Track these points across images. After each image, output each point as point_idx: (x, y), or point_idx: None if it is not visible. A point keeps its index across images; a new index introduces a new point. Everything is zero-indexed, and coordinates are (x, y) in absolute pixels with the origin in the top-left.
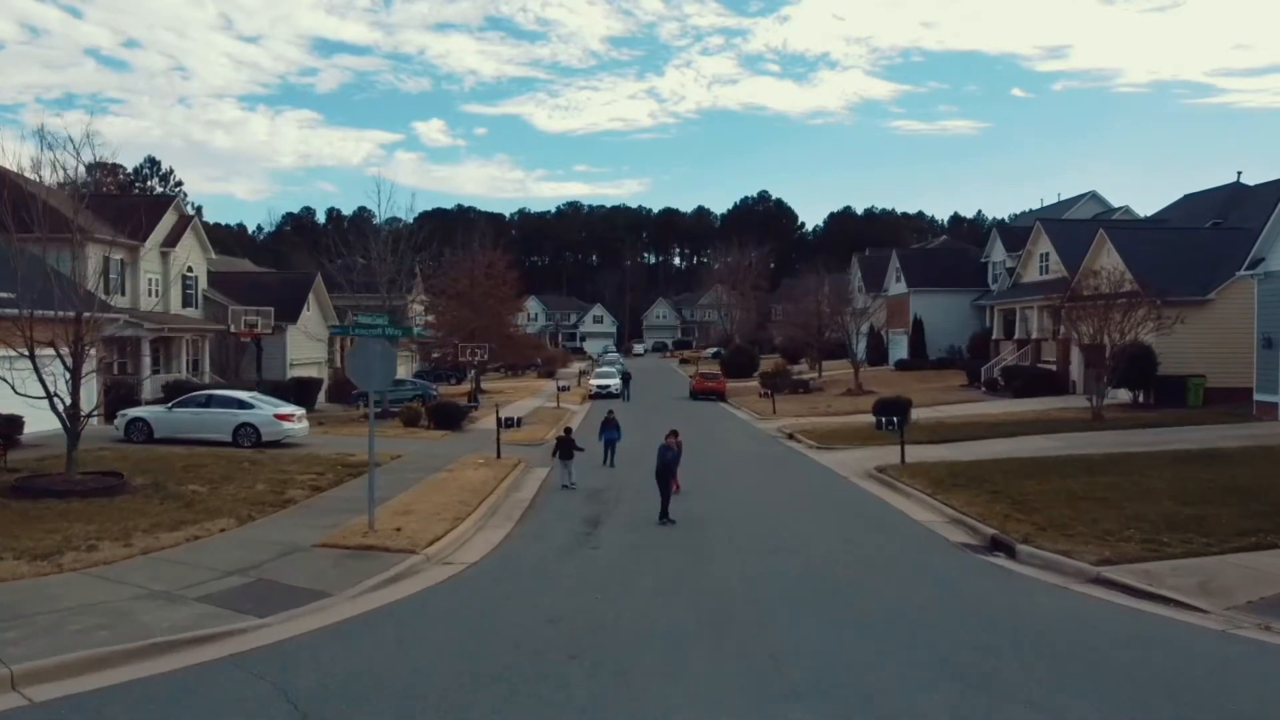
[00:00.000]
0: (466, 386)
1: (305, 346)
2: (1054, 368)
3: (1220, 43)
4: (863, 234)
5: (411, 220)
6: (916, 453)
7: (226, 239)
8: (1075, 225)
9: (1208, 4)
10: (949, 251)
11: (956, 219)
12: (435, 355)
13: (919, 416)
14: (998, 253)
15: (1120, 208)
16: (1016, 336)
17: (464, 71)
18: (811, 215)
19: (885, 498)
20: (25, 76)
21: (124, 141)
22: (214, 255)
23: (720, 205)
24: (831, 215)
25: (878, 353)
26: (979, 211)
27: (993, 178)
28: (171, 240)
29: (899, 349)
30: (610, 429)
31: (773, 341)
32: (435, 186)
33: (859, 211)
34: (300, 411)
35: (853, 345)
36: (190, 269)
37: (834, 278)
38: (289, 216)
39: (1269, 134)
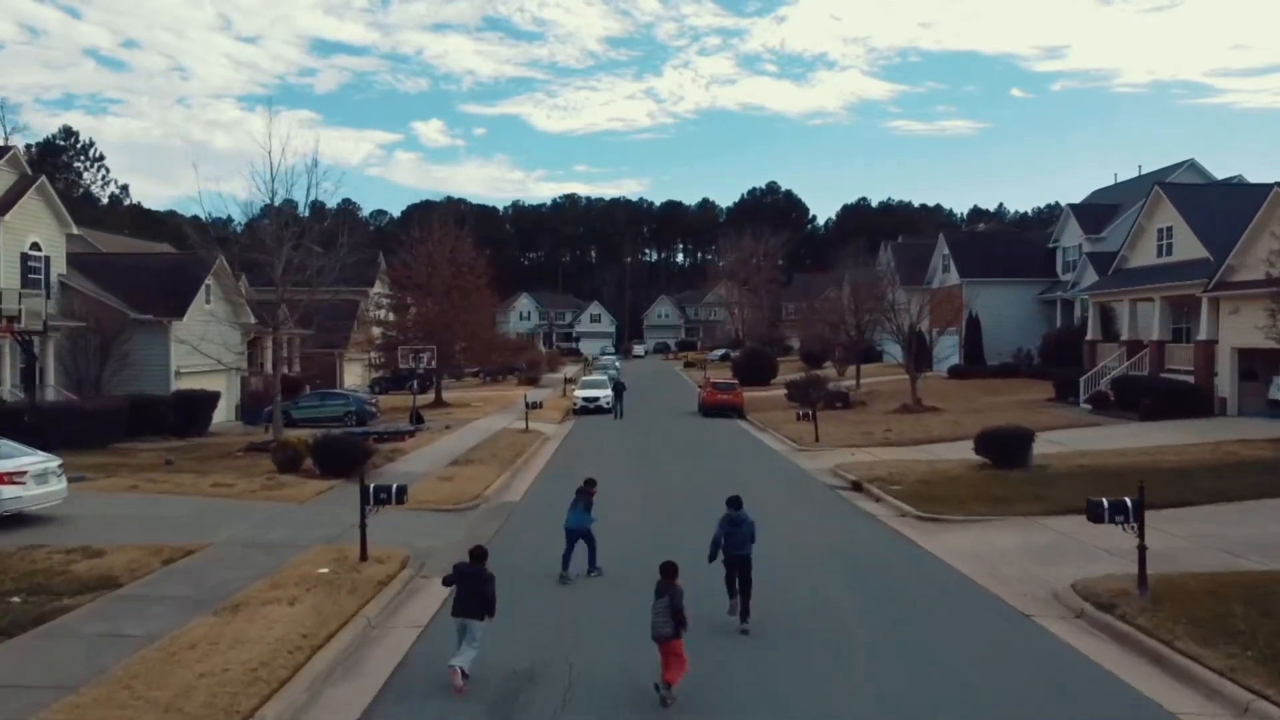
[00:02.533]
0: (431, 396)
1: (200, 350)
2: (1190, 379)
3: (1219, 43)
4: (878, 227)
5: (311, 190)
6: (1080, 527)
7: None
8: (1218, 190)
9: (1206, 4)
10: (1004, 236)
11: (977, 211)
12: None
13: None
14: (1071, 236)
15: (1234, 177)
16: (1124, 337)
17: (462, 72)
18: (818, 211)
19: None
20: (25, 77)
21: (123, 142)
22: (75, 230)
23: (725, 201)
24: (845, 208)
25: (920, 357)
26: (1000, 204)
27: (996, 176)
28: (3, 207)
29: (949, 352)
30: (581, 508)
31: (785, 342)
32: (435, 186)
33: (873, 204)
34: (48, 466)
35: (907, 349)
36: (37, 246)
37: (858, 271)
38: (268, 208)
39: (1269, 134)
